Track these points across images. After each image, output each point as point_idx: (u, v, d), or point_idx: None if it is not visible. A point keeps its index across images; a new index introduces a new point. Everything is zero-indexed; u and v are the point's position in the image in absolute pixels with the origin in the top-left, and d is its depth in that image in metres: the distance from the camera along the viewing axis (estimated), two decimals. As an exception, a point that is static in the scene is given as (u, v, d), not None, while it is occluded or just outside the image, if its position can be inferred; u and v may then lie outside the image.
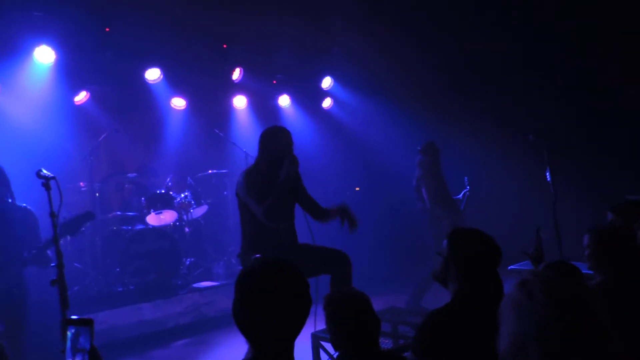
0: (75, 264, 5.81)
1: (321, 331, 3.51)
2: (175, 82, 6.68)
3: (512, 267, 4.14)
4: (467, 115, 7.58)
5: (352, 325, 2.07)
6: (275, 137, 3.65)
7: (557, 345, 1.19)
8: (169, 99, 6.98)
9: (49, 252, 3.33)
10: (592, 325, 1.21)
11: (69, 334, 1.66)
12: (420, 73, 7.56)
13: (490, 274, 2.11)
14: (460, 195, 5.68)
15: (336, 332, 2.10)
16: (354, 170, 8.04)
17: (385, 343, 3.74)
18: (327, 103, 8.09)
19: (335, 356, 2.87)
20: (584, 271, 2.59)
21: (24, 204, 3.56)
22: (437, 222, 5.39)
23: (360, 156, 7.98)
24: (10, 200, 3.50)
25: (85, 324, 1.66)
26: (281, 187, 3.45)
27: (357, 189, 8.14)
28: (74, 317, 1.71)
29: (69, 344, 1.65)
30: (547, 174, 4.42)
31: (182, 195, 6.27)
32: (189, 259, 6.22)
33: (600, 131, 6.72)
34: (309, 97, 7.93)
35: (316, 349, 3.72)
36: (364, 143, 8.01)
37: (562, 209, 4.39)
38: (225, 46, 6.68)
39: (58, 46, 5.48)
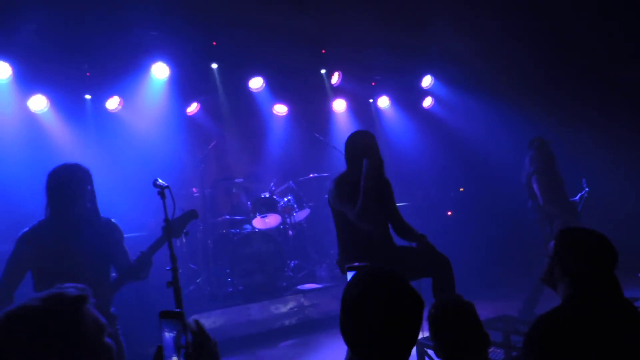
0: (191, 265, 6.21)
1: (426, 338, 3.40)
2: (277, 89, 6.93)
3: (642, 274, 3.74)
4: (579, 110, 6.97)
5: (454, 338, 1.97)
6: (352, 141, 3.63)
7: None
8: (271, 106, 7.26)
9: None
10: None
11: (164, 330, 1.45)
12: (526, 67, 7.10)
13: (603, 277, 1.92)
14: (577, 197, 5.20)
15: (439, 344, 2.02)
16: (456, 171, 7.74)
17: (497, 353, 3.55)
18: (427, 102, 7.89)
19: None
20: None
21: (110, 218, 3.10)
22: (549, 221, 5.00)
23: (463, 156, 7.66)
24: (89, 206, 2.98)
25: (176, 317, 1.44)
26: (365, 187, 3.40)
27: (461, 189, 7.83)
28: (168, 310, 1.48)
29: (165, 340, 1.44)
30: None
31: (285, 199, 6.44)
32: (293, 262, 6.37)
33: None
34: (408, 97, 7.80)
35: (421, 355, 3.63)
36: (467, 142, 7.67)
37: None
38: (323, 51, 6.78)
39: (171, 62, 5.91)
